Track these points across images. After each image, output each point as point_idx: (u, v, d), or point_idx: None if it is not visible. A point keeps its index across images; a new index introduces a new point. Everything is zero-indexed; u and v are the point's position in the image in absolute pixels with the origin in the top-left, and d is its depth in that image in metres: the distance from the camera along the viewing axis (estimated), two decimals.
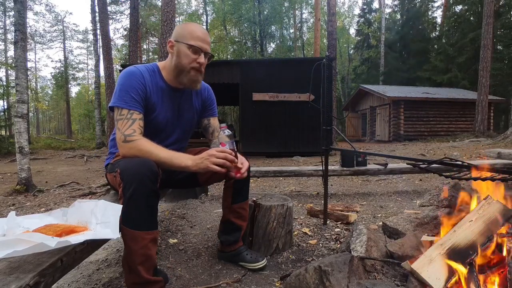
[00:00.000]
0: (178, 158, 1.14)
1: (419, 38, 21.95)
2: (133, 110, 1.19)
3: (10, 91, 13.93)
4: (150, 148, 1.13)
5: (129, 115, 1.18)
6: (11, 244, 0.78)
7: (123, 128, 1.16)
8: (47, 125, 48.27)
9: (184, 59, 1.24)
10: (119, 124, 1.18)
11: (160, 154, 1.13)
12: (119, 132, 1.16)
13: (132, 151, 1.13)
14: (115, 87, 1.26)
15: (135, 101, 1.19)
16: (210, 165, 1.12)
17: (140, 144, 1.13)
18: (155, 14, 24.83)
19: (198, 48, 1.23)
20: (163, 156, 1.13)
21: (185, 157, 1.15)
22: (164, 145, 1.37)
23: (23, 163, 4.38)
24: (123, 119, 1.17)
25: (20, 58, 4.43)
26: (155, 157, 1.11)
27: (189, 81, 1.28)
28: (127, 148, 1.14)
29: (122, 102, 1.18)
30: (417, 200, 2.74)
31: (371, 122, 17.52)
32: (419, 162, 1.41)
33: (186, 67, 1.25)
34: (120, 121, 1.17)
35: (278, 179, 4.45)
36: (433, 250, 1.06)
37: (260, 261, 1.43)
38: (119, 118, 1.18)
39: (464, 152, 6.88)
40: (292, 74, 8.49)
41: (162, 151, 1.14)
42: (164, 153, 1.14)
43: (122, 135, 1.15)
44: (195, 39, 1.23)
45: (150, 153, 1.12)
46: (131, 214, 1.01)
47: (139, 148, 1.13)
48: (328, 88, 1.93)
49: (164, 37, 7.70)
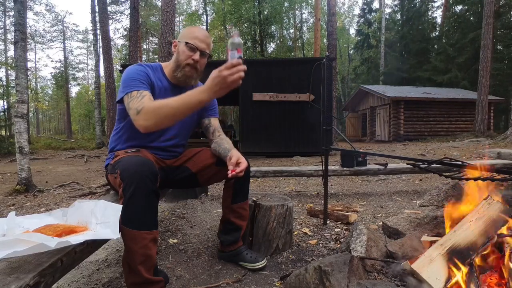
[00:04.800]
0: (192, 99, 1.08)
1: (419, 38, 21.93)
2: (142, 90, 1.21)
3: (10, 91, 13.94)
4: (159, 103, 1.11)
5: (139, 94, 1.19)
6: (11, 244, 0.78)
7: (134, 105, 1.15)
8: (47, 125, 48.22)
9: (181, 55, 1.33)
10: (130, 104, 1.16)
11: (171, 103, 1.09)
12: (132, 110, 1.15)
13: (147, 115, 1.10)
14: (119, 85, 1.28)
15: (143, 84, 1.24)
16: (229, 88, 1.07)
17: (149, 106, 1.12)
18: (155, 14, 24.85)
19: (194, 46, 1.32)
20: (176, 103, 1.09)
21: (198, 91, 1.09)
22: (163, 139, 1.41)
23: (23, 163, 4.38)
24: (134, 99, 1.17)
25: (20, 58, 4.42)
26: (168, 108, 1.09)
27: (183, 76, 1.35)
28: (142, 117, 1.11)
29: (130, 88, 1.21)
30: (417, 200, 2.74)
31: (371, 122, 17.52)
32: (419, 162, 1.41)
33: (181, 63, 1.34)
34: (131, 102, 1.17)
35: (278, 179, 4.45)
36: (433, 250, 1.06)
37: (260, 261, 1.43)
38: (130, 101, 1.18)
39: (464, 152, 6.88)
40: (292, 74, 8.49)
41: (171, 100, 1.10)
42: (175, 100, 1.10)
43: (135, 110, 1.14)
44: (193, 39, 1.32)
45: (162, 108, 1.09)
46: (131, 214, 1.01)
47: (151, 109, 1.10)
48: (328, 88, 1.93)
49: (164, 37, 7.68)
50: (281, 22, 24.31)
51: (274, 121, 8.72)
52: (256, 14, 21.42)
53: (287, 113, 8.67)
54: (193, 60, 1.32)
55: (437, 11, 25.88)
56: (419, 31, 22.36)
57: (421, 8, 22.78)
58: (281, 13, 21.99)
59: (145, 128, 1.12)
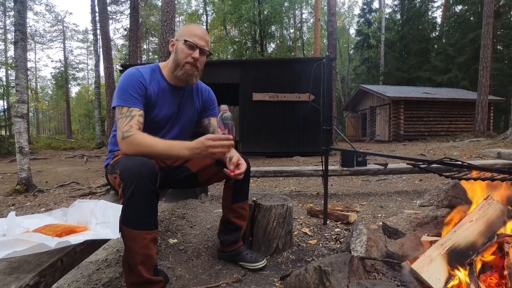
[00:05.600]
0: (175, 149, 1.16)
1: (419, 38, 21.93)
2: (132, 107, 1.22)
3: (10, 91, 13.94)
4: (147, 141, 1.16)
5: (128, 112, 1.21)
6: (11, 244, 0.78)
7: (122, 125, 1.19)
8: (47, 125, 48.23)
9: (180, 54, 1.31)
10: (119, 123, 1.21)
11: (157, 146, 1.15)
12: (119, 130, 1.20)
13: (131, 146, 1.16)
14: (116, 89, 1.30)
15: (134, 99, 1.23)
16: (210, 157, 1.16)
17: (136, 139, 1.16)
18: (155, 14, 24.85)
19: (193, 44, 1.30)
20: (161, 148, 1.15)
21: (182, 147, 1.16)
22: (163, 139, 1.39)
23: (23, 163, 4.38)
24: (123, 117, 1.20)
25: (20, 58, 4.43)
26: (153, 149, 1.15)
27: (184, 74, 1.33)
28: (126, 145, 1.17)
29: (121, 101, 1.22)
30: (417, 200, 2.74)
31: (371, 122, 17.52)
32: (419, 162, 1.41)
33: (181, 61, 1.31)
34: (120, 119, 1.20)
35: (278, 179, 4.45)
36: (433, 250, 1.06)
37: (260, 261, 1.43)
38: (119, 117, 1.21)
39: (464, 152, 6.87)
40: (292, 74, 8.49)
41: (159, 143, 1.16)
42: (161, 145, 1.16)
43: (121, 132, 1.18)
44: (192, 36, 1.30)
45: (147, 146, 1.15)
46: (131, 214, 1.01)
47: (136, 142, 1.15)
48: (328, 88, 1.93)
49: (164, 37, 7.68)
50: (281, 22, 24.29)
51: (274, 121, 8.72)
52: (256, 14, 21.40)
53: (287, 113, 8.67)
54: (193, 58, 1.30)
55: (437, 11, 25.93)
56: (419, 31, 22.36)
57: (421, 8, 22.78)
58: (281, 13, 21.96)
59: (124, 153, 1.19)
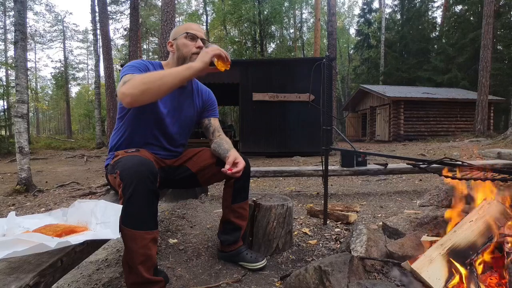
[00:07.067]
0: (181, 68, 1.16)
1: (419, 38, 21.92)
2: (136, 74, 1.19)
3: (10, 91, 13.94)
4: (150, 74, 1.14)
5: (131, 76, 1.14)
6: (11, 244, 0.78)
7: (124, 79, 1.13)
8: (47, 125, 48.19)
9: (184, 48, 1.33)
10: (121, 82, 1.14)
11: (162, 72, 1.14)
12: (120, 84, 1.13)
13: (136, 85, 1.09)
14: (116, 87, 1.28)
15: (140, 71, 1.22)
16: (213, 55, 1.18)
17: (139, 76, 1.12)
18: (155, 14, 24.83)
19: (194, 35, 1.33)
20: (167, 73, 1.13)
21: (187, 65, 1.17)
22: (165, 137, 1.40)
23: (23, 163, 4.38)
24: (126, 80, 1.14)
25: (20, 58, 4.43)
26: (158, 76, 1.12)
27: None
28: (127, 88, 1.09)
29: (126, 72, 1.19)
30: (417, 200, 2.74)
31: (371, 122, 17.51)
32: (419, 162, 1.41)
33: (187, 54, 1.32)
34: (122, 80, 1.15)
35: (278, 179, 4.45)
36: (433, 250, 1.06)
37: (260, 261, 1.43)
38: (121, 83, 1.14)
39: (464, 152, 6.87)
40: (292, 74, 8.49)
41: (162, 71, 1.16)
42: (167, 71, 1.15)
43: (122, 82, 1.12)
44: (189, 29, 1.34)
45: (152, 76, 1.12)
46: (131, 214, 1.01)
47: (139, 79, 1.10)
48: (328, 88, 1.93)
49: (164, 37, 7.68)
50: (281, 22, 24.28)
51: (274, 121, 8.72)
52: (256, 14, 21.40)
53: (287, 113, 8.67)
54: (198, 47, 1.31)
55: (437, 11, 25.91)
56: (419, 31, 22.35)
57: (421, 8, 22.77)
58: (281, 13, 21.95)
59: (131, 96, 1.09)
